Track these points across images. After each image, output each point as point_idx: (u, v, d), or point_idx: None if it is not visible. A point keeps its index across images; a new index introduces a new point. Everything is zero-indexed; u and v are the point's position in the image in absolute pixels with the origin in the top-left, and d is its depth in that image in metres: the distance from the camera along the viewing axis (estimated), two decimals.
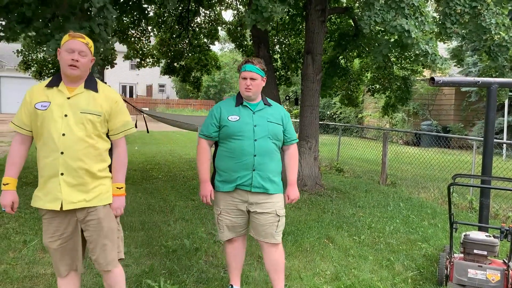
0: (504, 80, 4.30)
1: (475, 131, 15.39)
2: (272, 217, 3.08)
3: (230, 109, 3.10)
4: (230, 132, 3.03)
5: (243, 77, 3.06)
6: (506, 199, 6.61)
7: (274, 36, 10.32)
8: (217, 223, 3.19)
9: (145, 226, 4.96)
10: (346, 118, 21.27)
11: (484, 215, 4.03)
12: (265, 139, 3.03)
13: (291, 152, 3.21)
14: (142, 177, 8.18)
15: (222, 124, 3.06)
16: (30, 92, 2.52)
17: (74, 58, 2.42)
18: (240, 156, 3.02)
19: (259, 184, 3.02)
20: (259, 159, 3.01)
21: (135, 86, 40.76)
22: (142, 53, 10.98)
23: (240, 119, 3.04)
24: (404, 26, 4.63)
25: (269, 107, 3.15)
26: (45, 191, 2.46)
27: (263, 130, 3.04)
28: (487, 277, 3.60)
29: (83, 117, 2.44)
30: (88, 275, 3.58)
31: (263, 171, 3.03)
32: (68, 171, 2.42)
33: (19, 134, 2.52)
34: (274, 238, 3.10)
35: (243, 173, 3.02)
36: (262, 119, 3.07)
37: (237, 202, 3.09)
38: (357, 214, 6.00)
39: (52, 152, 2.41)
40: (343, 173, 9.62)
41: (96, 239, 2.56)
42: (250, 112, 3.08)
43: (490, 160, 4.01)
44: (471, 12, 5.48)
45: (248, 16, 4.62)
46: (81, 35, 2.51)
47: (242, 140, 3.02)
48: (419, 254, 4.53)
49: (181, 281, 3.54)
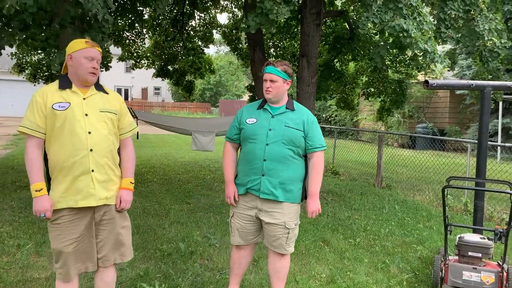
0: (498, 83, 4.33)
1: (470, 133, 15.46)
2: (281, 229, 3.00)
3: (251, 112, 3.08)
4: (246, 135, 3.02)
5: (264, 79, 3.02)
6: (501, 201, 6.64)
7: (269, 39, 10.34)
8: (230, 226, 3.17)
9: (140, 230, 4.94)
10: (342, 121, 21.32)
11: (478, 217, 4.05)
12: (278, 144, 2.93)
13: (314, 161, 3.02)
14: (137, 180, 8.15)
15: (241, 127, 3.06)
16: (42, 94, 2.50)
17: (95, 66, 2.54)
18: (252, 160, 2.98)
19: (268, 190, 2.95)
20: (268, 165, 2.94)
21: (130, 89, 40.70)
22: (137, 55, 10.96)
23: (257, 122, 3.00)
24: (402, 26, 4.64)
25: (291, 111, 3.02)
26: (75, 190, 2.48)
27: (277, 135, 2.94)
28: (481, 279, 3.61)
29: (103, 115, 2.56)
30: (83, 279, 3.56)
31: (273, 177, 2.94)
32: (98, 168, 2.51)
33: (34, 138, 2.48)
34: (284, 249, 3.06)
35: (253, 177, 2.98)
36: (279, 123, 2.98)
37: (248, 207, 3.04)
38: (352, 217, 6.00)
39: (79, 151, 2.46)
40: (339, 176, 9.64)
41: (107, 236, 2.61)
42: (269, 115, 3.02)
43: (484, 162, 4.02)
44: (464, 17, 5.52)
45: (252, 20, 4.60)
46: (96, 44, 2.60)
47: (255, 143, 2.97)
48: (414, 256, 4.54)
49: (176, 285, 3.52)
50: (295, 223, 3.07)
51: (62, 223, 2.50)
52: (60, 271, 2.56)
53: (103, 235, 2.62)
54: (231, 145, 3.17)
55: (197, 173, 9.35)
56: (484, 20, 5.51)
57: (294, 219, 3.05)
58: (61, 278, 2.58)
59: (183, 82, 11.71)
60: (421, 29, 4.86)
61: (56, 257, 2.55)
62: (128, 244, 2.75)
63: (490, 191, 4.04)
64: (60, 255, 2.53)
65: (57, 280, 2.62)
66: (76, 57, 2.52)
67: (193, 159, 11.72)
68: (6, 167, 8.93)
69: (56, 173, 2.50)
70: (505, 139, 14.44)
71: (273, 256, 3.11)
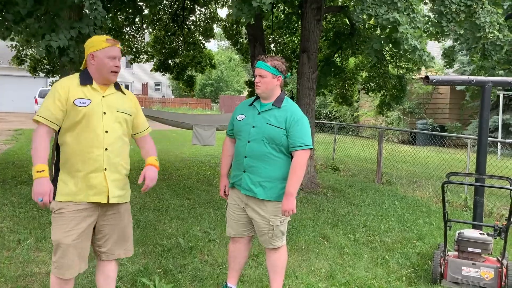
0: (498, 79, 4.32)
1: (470, 129, 15.45)
2: (266, 225, 3.00)
3: (243, 108, 3.13)
4: (235, 130, 3.12)
5: (254, 74, 3.08)
6: (500, 197, 6.64)
7: (270, 35, 10.31)
8: (226, 217, 3.24)
9: (140, 225, 4.94)
10: (342, 117, 21.30)
11: (478, 213, 4.05)
12: (259, 141, 2.92)
13: (293, 160, 2.91)
14: (137, 176, 8.11)
15: (233, 122, 3.14)
16: (63, 87, 2.50)
17: (118, 65, 2.58)
18: (237, 156, 3.09)
19: (247, 187, 2.98)
20: (249, 161, 2.96)
21: (131, 84, 40.63)
22: (136, 50, 10.92)
23: (244, 119, 3.04)
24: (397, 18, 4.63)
25: (277, 108, 2.96)
26: (87, 185, 2.50)
27: (259, 132, 2.94)
28: (481, 274, 3.62)
29: (120, 116, 2.59)
30: (82, 274, 3.56)
31: (253, 174, 2.95)
32: (110, 167, 2.54)
33: (44, 127, 2.46)
34: (271, 244, 3.06)
35: (237, 172, 3.06)
36: (262, 121, 2.96)
37: (237, 198, 3.11)
38: (352, 213, 6.01)
39: (96, 148, 2.49)
40: (339, 172, 9.64)
41: (112, 230, 2.66)
42: (255, 112, 3.02)
43: (484, 158, 4.02)
44: (466, 11, 5.50)
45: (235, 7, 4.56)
46: (117, 41, 2.63)
47: (240, 140, 3.04)
48: (414, 252, 4.55)
49: (176, 280, 3.53)
50: (281, 221, 3.01)
51: (68, 213, 2.49)
52: (57, 265, 2.53)
53: (107, 229, 2.64)
54: (229, 140, 3.23)
55: (197, 168, 9.35)
56: (485, 13, 5.50)
57: (278, 217, 2.99)
58: (57, 273, 2.54)
59: (184, 77, 11.69)
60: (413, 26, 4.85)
61: (55, 249, 2.54)
62: (131, 240, 2.80)
63: (490, 187, 4.04)
64: (59, 247, 2.51)
65: (52, 276, 2.58)
66: (99, 57, 2.53)
67: (193, 154, 11.72)
68: (7, 162, 8.93)
69: (69, 166, 2.51)
70: (505, 135, 14.43)
71: (267, 250, 3.16)
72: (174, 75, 11.67)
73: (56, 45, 3.81)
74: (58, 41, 3.82)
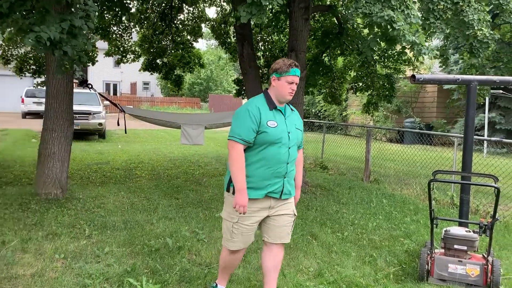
0: (483, 78, 4.37)
1: (457, 128, 15.61)
2: (290, 217, 3.11)
3: (267, 114, 2.92)
4: (269, 139, 2.87)
5: (289, 81, 2.92)
6: (486, 195, 6.72)
7: (258, 33, 10.30)
8: (231, 232, 2.99)
9: (127, 225, 4.90)
10: (331, 116, 21.39)
11: (464, 210, 4.09)
12: (294, 146, 3.01)
13: (300, 157, 3.19)
14: (125, 175, 8.10)
15: (261, 130, 2.86)
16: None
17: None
18: (275, 164, 2.90)
19: (288, 191, 3.02)
20: (289, 167, 2.99)
21: (119, 83, 40.35)
22: (123, 49, 10.82)
23: (278, 126, 2.92)
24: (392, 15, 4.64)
25: (293, 112, 3.11)
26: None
27: (294, 138, 3.00)
28: (466, 271, 3.66)
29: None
30: (69, 275, 3.53)
31: (290, 178, 3.03)
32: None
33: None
34: (288, 237, 3.14)
35: (274, 180, 2.93)
36: (292, 126, 3.01)
37: (259, 209, 2.96)
38: (340, 211, 6.04)
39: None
40: (328, 171, 9.67)
41: None
42: (283, 117, 2.99)
43: (470, 156, 4.07)
44: (453, 8, 5.55)
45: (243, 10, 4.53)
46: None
47: (280, 147, 2.91)
48: (401, 250, 4.58)
49: (164, 280, 3.51)
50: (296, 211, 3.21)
51: None
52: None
53: None
54: (242, 149, 2.89)
55: (186, 168, 9.31)
56: (472, 11, 5.56)
57: (294, 207, 3.18)
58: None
59: (172, 76, 11.61)
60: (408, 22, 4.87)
61: None
62: None
63: (475, 185, 4.09)
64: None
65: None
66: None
67: (182, 154, 11.67)
68: None
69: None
70: (491, 133, 14.62)
71: (277, 249, 3.11)
72: (162, 74, 11.59)
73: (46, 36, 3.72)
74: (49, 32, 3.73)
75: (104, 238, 4.45)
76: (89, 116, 14.12)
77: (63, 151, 5.94)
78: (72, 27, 3.96)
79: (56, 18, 3.90)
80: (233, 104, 32.31)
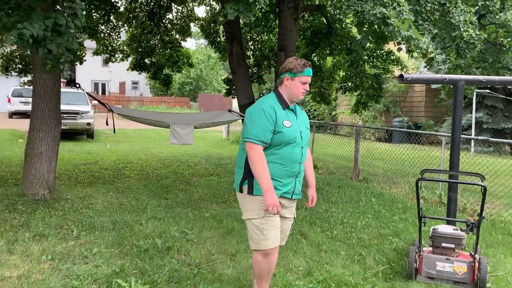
0: (470, 77, 4.42)
1: (445, 127, 15.77)
2: (291, 221, 3.15)
3: (281, 113, 2.89)
4: (284, 139, 2.85)
5: (303, 81, 2.93)
6: (474, 193, 6.80)
7: (247, 33, 10.29)
8: (262, 229, 2.88)
9: (116, 226, 4.87)
10: (321, 115, 21.46)
11: (451, 209, 4.13)
12: (306, 146, 3.04)
13: (309, 156, 3.20)
14: (114, 176, 8.04)
15: (277, 130, 2.83)
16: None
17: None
18: (290, 164, 2.89)
19: (298, 191, 3.04)
20: (302, 167, 3.01)
21: (108, 83, 39.98)
22: (111, 48, 10.73)
23: (292, 126, 2.90)
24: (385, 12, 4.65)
25: (302, 112, 3.11)
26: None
27: (305, 138, 3.00)
28: (454, 269, 3.70)
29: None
30: (57, 276, 3.49)
31: (301, 177, 3.04)
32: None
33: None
34: (285, 240, 3.19)
35: (288, 180, 2.93)
36: (303, 126, 3.02)
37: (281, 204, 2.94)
38: (330, 210, 6.06)
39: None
40: (317, 170, 9.69)
41: None
42: (295, 117, 2.98)
43: (457, 155, 4.11)
44: (440, 10, 5.61)
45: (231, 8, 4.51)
46: None
47: (294, 147, 2.90)
48: (390, 248, 4.61)
49: (153, 281, 3.49)
50: None
51: None
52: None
53: None
54: (262, 149, 2.83)
55: (175, 168, 9.27)
56: (459, 12, 5.62)
57: None
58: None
59: (161, 76, 11.54)
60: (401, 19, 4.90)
61: None
62: None
63: (462, 183, 4.13)
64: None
65: None
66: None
67: (171, 154, 11.61)
68: None
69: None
70: (478, 132, 14.78)
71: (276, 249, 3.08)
72: (151, 74, 11.51)
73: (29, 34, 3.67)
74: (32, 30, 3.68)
75: (92, 239, 4.41)
76: (77, 115, 14.00)
77: (50, 151, 5.88)
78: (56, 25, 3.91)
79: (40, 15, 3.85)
80: (223, 104, 32.23)
